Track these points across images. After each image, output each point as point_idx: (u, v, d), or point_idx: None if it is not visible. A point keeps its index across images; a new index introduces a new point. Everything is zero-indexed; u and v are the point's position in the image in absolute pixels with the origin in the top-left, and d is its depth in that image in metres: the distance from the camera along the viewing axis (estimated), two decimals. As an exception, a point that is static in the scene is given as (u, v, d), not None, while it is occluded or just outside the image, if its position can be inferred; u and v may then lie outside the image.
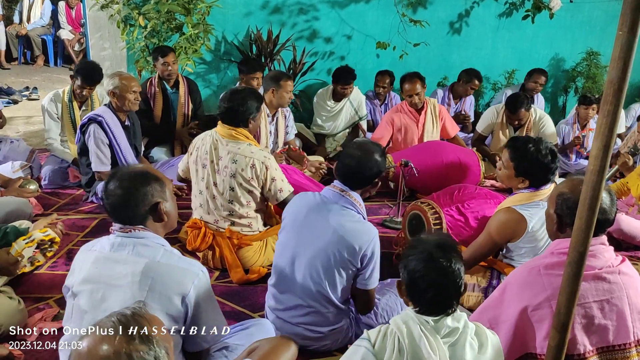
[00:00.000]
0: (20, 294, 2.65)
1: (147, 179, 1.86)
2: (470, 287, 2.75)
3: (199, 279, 1.81)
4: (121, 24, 4.83)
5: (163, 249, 1.84)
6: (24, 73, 7.98)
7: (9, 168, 3.88)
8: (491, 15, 6.16)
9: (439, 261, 1.65)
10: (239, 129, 3.09)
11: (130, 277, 1.75)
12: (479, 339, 1.68)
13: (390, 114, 4.71)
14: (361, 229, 2.29)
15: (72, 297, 1.86)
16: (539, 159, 2.61)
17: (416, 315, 1.66)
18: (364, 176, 2.37)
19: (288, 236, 2.42)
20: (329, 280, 2.31)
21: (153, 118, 4.61)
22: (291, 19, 5.61)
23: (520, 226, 2.59)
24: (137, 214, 1.84)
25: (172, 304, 1.76)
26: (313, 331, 2.41)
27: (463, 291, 1.71)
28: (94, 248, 1.87)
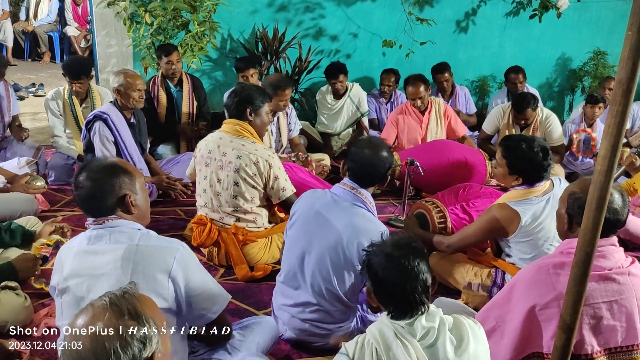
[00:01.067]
0: (26, 290, 2.65)
1: (115, 171, 1.87)
2: (475, 286, 2.74)
3: (180, 252, 1.83)
4: (127, 21, 4.83)
5: (139, 233, 1.85)
6: (31, 69, 8.01)
7: (15, 164, 3.90)
8: (498, 14, 6.14)
9: (397, 260, 1.64)
10: (244, 123, 3.10)
11: (112, 264, 1.76)
12: (458, 333, 1.64)
13: (394, 115, 4.71)
14: (372, 227, 2.29)
15: (59, 296, 1.87)
16: (531, 157, 2.63)
17: (390, 321, 1.64)
18: (374, 174, 2.40)
19: (298, 232, 2.42)
20: (338, 277, 2.31)
21: (157, 117, 4.61)
22: (297, 17, 5.60)
23: (513, 222, 2.61)
24: (105, 205, 1.84)
25: (158, 283, 1.77)
26: (320, 328, 2.41)
27: (432, 284, 1.68)
28: (72, 245, 1.88)
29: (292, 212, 2.51)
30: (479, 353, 1.65)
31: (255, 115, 3.15)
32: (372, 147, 2.42)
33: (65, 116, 4.28)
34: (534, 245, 2.63)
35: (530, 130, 4.66)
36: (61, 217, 2.88)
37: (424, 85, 4.52)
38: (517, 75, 5.39)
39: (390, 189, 4.51)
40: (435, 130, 4.64)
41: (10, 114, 4.25)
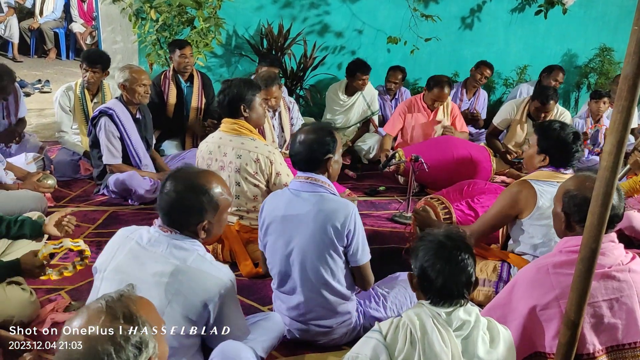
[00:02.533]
0: (32, 285, 2.67)
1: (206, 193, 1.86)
2: (481, 281, 2.74)
3: (225, 287, 1.82)
4: (133, 18, 4.85)
5: (196, 253, 1.84)
6: (37, 66, 8.03)
7: (22, 160, 3.91)
8: (503, 10, 6.12)
9: (448, 249, 1.68)
10: (240, 121, 3.10)
11: (159, 277, 1.77)
12: (491, 333, 1.68)
13: (404, 108, 4.70)
14: (338, 207, 2.29)
15: (100, 280, 1.87)
16: (561, 136, 2.68)
17: (429, 307, 1.67)
18: (313, 157, 2.35)
19: (274, 239, 2.40)
20: (324, 266, 2.31)
21: (166, 111, 4.62)
22: (302, 13, 5.60)
23: (530, 198, 2.60)
24: (182, 223, 1.86)
25: (194, 309, 1.78)
26: (321, 326, 2.41)
27: (475, 283, 1.72)
28: (132, 236, 1.88)
29: (261, 221, 2.46)
30: (506, 357, 1.68)
31: (249, 110, 3.13)
32: (308, 132, 2.40)
33: (75, 111, 4.29)
34: (546, 232, 2.59)
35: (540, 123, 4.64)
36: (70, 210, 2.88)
37: (450, 89, 4.56)
38: (559, 73, 5.36)
39: (394, 185, 4.51)
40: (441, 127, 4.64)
41: (17, 117, 4.26)
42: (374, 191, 4.41)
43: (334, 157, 2.40)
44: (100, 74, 4.24)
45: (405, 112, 4.66)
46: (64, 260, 3.00)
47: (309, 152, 2.36)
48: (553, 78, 5.36)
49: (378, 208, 4.12)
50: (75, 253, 2.45)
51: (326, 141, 2.38)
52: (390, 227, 3.79)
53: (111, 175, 3.85)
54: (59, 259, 2.61)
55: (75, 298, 2.70)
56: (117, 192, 3.86)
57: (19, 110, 4.25)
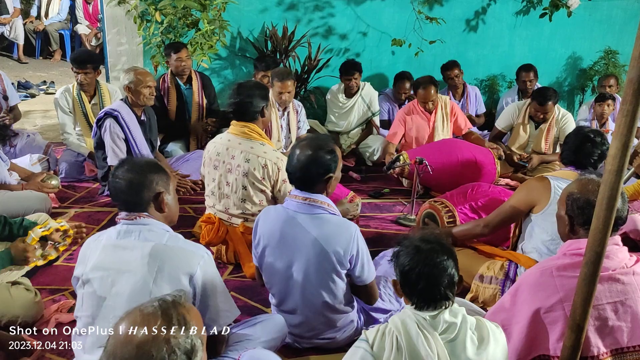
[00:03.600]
0: (37, 286, 2.68)
1: (153, 167, 1.96)
2: (487, 279, 2.73)
3: (204, 260, 1.88)
4: (138, 20, 4.86)
5: (168, 234, 1.91)
6: (42, 67, 8.07)
7: (27, 161, 3.93)
8: (508, 13, 6.11)
9: (425, 252, 1.67)
10: (251, 124, 3.10)
11: (140, 260, 1.81)
12: (480, 333, 1.67)
13: (402, 113, 4.71)
14: (339, 231, 2.21)
15: (81, 287, 1.90)
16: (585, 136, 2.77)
17: (413, 312, 1.67)
18: (311, 178, 2.24)
19: (273, 261, 2.33)
20: (326, 289, 2.27)
21: (167, 114, 4.63)
22: (306, 16, 5.61)
23: (545, 192, 2.62)
24: (140, 199, 1.91)
25: (180, 284, 1.81)
26: (325, 338, 2.42)
27: (459, 283, 1.71)
28: (100, 238, 1.93)
29: (256, 241, 2.38)
30: (497, 356, 1.67)
31: (265, 112, 3.16)
32: (307, 149, 2.24)
33: (75, 113, 4.31)
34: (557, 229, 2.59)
35: (546, 128, 4.64)
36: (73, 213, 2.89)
37: (435, 88, 4.52)
38: (528, 73, 5.37)
39: (399, 188, 4.51)
40: (442, 128, 4.65)
41: (8, 104, 4.28)
42: (378, 193, 4.41)
43: (334, 176, 2.29)
44: (93, 73, 4.24)
45: (405, 118, 4.66)
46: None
47: (307, 172, 2.22)
48: (523, 78, 5.36)
49: (382, 210, 4.12)
50: None
51: (326, 160, 2.23)
52: (394, 229, 3.79)
53: (116, 176, 3.86)
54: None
55: (79, 299, 2.71)
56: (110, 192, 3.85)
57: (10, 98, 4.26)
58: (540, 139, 4.69)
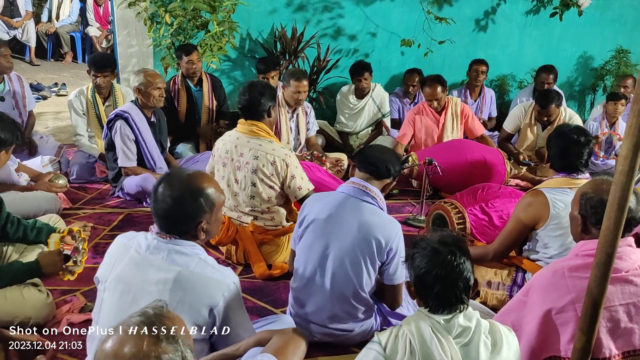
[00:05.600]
0: (48, 287, 2.70)
1: (199, 194, 1.83)
2: (495, 285, 2.72)
3: (229, 290, 1.80)
4: (148, 22, 4.89)
5: (198, 258, 1.82)
6: (53, 69, 8.14)
7: (38, 162, 3.97)
8: (518, 13, 6.08)
9: (443, 255, 1.65)
10: (260, 123, 3.12)
11: (162, 285, 1.75)
12: (493, 337, 1.65)
13: (411, 114, 4.70)
14: (386, 223, 2.30)
15: (102, 291, 1.86)
16: (568, 140, 2.65)
17: (427, 315, 1.65)
18: (384, 167, 2.40)
19: (313, 238, 2.39)
20: (358, 277, 2.31)
21: (178, 116, 4.66)
22: (316, 17, 5.61)
23: (543, 208, 2.56)
24: (179, 228, 1.83)
25: (199, 315, 1.76)
26: (342, 330, 2.41)
27: (474, 287, 1.69)
28: (130, 244, 1.86)
29: (301, 218, 2.46)
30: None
31: (272, 112, 3.18)
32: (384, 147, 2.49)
33: (88, 115, 4.34)
34: (562, 242, 2.55)
35: (553, 129, 4.61)
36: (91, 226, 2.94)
37: (441, 86, 4.49)
38: (549, 75, 5.27)
39: (408, 188, 4.50)
40: (451, 129, 4.62)
41: (26, 110, 4.33)
42: (388, 194, 4.39)
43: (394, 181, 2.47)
44: (110, 76, 4.28)
45: (414, 119, 4.65)
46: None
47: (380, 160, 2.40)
48: (542, 80, 5.28)
49: (391, 211, 4.10)
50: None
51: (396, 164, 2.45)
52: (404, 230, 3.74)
53: (126, 177, 3.89)
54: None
55: (90, 299, 2.73)
56: (132, 195, 3.89)
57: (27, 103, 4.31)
58: (548, 141, 4.66)
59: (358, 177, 2.42)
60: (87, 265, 2.99)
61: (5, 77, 4.14)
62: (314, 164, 3.93)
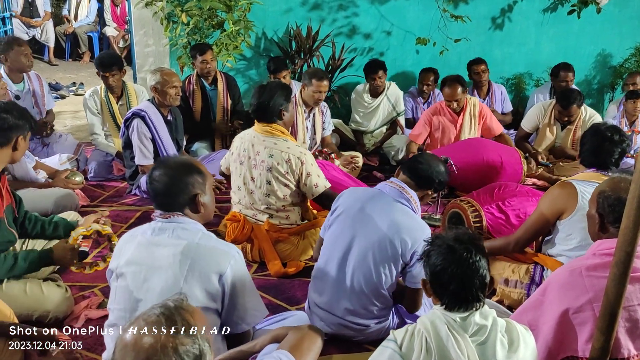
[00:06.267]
0: (67, 282, 2.74)
1: (190, 170, 1.97)
2: (513, 283, 2.70)
3: (235, 260, 1.90)
4: (164, 21, 4.93)
5: (201, 232, 1.93)
6: (71, 69, 8.24)
7: (56, 160, 4.02)
8: (535, 10, 6.02)
9: (459, 252, 1.64)
10: (274, 124, 3.13)
11: (171, 258, 1.84)
12: (510, 336, 1.64)
13: (428, 114, 4.66)
14: (416, 226, 2.31)
15: (115, 280, 1.95)
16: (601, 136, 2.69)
17: (443, 313, 1.64)
18: (431, 176, 2.42)
19: (341, 228, 2.41)
20: (378, 273, 2.31)
21: (193, 115, 4.69)
22: (331, 15, 5.61)
23: (571, 198, 2.55)
24: (177, 201, 1.94)
25: (210, 282, 1.84)
26: (358, 324, 2.41)
27: (490, 284, 1.68)
28: (136, 234, 1.96)
29: (334, 208, 2.50)
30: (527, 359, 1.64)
31: (285, 113, 3.18)
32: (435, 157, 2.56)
33: (103, 114, 4.39)
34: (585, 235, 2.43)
35: (573, 129, 4.56)
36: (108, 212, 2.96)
37: (462, 87, 4.46)
38: (567, 73, 5.19)
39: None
40: (469, 130, 4.58)
41: (45, 109, 4.38)
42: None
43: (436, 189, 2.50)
44: (119, 74, 4.31)
45: (431, 118, 4.61)
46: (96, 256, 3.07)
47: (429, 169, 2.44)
48: (561, 78, 5.20)
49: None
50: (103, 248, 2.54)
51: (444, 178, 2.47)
52: (418, 229, 3.76)
53: (143, 175, 3.93)
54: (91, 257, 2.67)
55: (108, 295, 2.75)
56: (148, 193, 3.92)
57: (46, 102, 4.37)
58: (567, 141, 4.61)
59: (399, 179, 2.44)
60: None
61: (24, 76, 4.19)
62: (328, 162, 3.94)
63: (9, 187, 2.60)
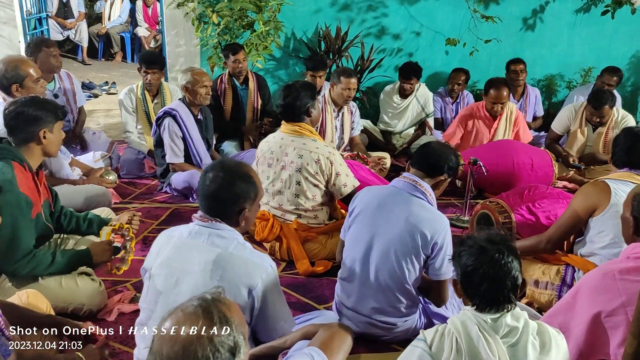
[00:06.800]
0: (100, 277, 2.80)
1: (247, 182, 1.92)
2: (543, 284, 2.67)
3: (267, 273, 1.86)
4: (195, 22, 5.00)
5: (236, 241, 1.89)
6: (104, 69, 8.41)
7: (90, 158, 4.11)
8: (567, 11, 5.93)
9: (490, 253, 1.63)
10: (302, 123, 3.15)
11: (203, 265, 1.82)
12: (541, 338, 1.63)
13: (464, 116, 4.60)
14: (433, 218, 2.32)
15: (148, 279, 1.96)
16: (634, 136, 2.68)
17: (474, 314, 1.63)
18: (438, 164, 2.42)
19: (360, 228, 2.44)
20: (402, 269, 2.33)
21: (223, 114, 4.75)
22: (360, 16, 5.62)
23: (604, 195, 2.53)
24: (223, 210, 1.91)
25: (240, 295, 1.81)
26: (385, 322, 2.42)
27: (522, 286, 1.67)
28: (173, 234, 1.96)
29: (351, 209, 2.52)
30: None
31: (312, 112, 3.21)
32: (440, 144, 2.51)
33: (138, 112, 4.48)
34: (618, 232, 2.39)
35: (605, 130, 4.48)
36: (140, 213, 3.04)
37: (508, 90, 4.42)
38: (612, 77, 5.10)
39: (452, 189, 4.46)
40: (502, 136, 4.51)
41: (77, 106, 4.49)
42: (430, 194, 4.36)
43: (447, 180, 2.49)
44: (159, 74, 4.41)
45: (466, 120, 4.55)
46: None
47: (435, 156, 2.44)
48: (604, 81, 5.10)
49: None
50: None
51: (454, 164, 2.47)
52: (446, 230, 3.75)
53: (173, 173, 3.99)
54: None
55: (140, 290, 2.81)
56: (179, 190, 3.99)
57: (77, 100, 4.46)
58: (599, 143, 4.53)
59: (411, 173, 2.45)
60: (137, 258, 3.09)
61: (55, 76, 4.30)
62: (357, 162, 3.94)
63: (45, 182, 2.66)
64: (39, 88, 3.33)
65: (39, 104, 2.52)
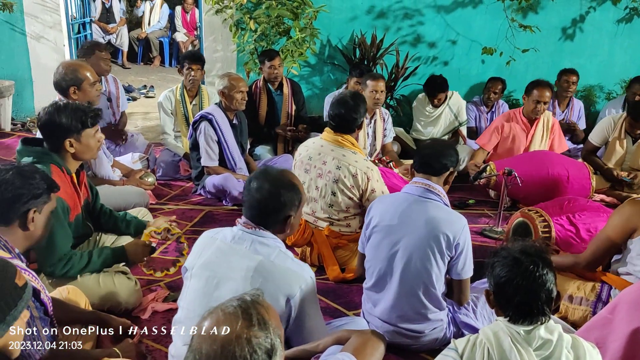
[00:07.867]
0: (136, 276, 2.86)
1: (291, 190, 1.93)
2: (577, 300, 2.62)
3: (306, 283, 1.87)
4: (233, 28, 5.08)
5: (278, 250, 1.90)
6: (143, 72, 8.61)
7: (129, 159, 4.22)
8: (609, 21, 5.82)
9: (524, 265, 1.62)
10: (347, 135, 3.16)
11: (244, 272, 1.84)
12: (576, 352, 1.60)
13: (501, 121, 4.53)
14: (452, 219, 2.36)
15: (189, 278, 1.97)
16: None
17: (507, 325, 1.62)
18: (441, 161, 2.45)
19: (380, 238, 2.44)
20: (427, 272, 2.33)
21: (258, 119, 4.80)
22: (396, 24, 5.62)
23: None
24: (269, 220, 1.93)
25: (277, 304, 1.81)
26: (413, 330, 2.42)
27: (556, 299, 1.65)
28: (217, 237, 1.97)
29: (367, 221, 2.53)
30: None
31: (359, 128, 3.22)
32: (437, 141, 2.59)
33: (176, 113, 4.57)
34: None
35: None
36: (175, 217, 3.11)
37: (551, 90, 4.36)
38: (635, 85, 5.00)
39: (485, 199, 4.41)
40: (540, 142, 4.43)
41: (119, 110, 4.61)
42: (463, 204, 4.33)
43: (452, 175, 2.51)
44: (201, 71, 4.51)
45: (503, 126, 4.48)
46: (164, 254, 3.20)
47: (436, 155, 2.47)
48: (635, 91, 4.95)
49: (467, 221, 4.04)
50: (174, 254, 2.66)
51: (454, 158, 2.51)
52: (479, 241, 3.71)
53: (208, 176, 4.06)
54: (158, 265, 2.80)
55: (173, 290, 2.87)
56: (213, 193, 4.06)
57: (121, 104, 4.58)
58: (638, 155, 4.42)
59: (418, 177, 2.48)
60: (168, 258, 3.16)
61: (102, 79, 4.43)
62: (388, 169, 3.94)
63: (86, 182, 2.74)
64: (94, 91, 3.42)
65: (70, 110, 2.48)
